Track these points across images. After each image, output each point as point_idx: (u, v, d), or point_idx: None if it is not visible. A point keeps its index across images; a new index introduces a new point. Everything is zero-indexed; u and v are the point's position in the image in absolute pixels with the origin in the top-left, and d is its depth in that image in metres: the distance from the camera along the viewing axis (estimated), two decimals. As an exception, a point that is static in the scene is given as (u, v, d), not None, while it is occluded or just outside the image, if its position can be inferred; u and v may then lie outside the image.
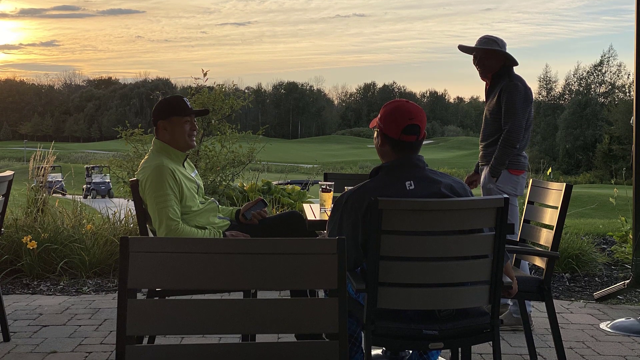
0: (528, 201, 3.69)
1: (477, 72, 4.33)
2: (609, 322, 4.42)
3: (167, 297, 3.17)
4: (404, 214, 2.44)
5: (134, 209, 4.10)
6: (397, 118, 2.66)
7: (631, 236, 5.33)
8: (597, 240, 6.89)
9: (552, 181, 3.71)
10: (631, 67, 30.62)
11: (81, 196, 8.89)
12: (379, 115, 2.75)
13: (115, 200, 9.09)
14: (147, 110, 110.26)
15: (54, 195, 7.03)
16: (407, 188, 2.59)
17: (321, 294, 3.53)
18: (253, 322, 1.77)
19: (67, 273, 5.61)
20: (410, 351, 3.02)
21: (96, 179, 34.20)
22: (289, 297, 3.02)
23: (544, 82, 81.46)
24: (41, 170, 7.01)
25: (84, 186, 32.44)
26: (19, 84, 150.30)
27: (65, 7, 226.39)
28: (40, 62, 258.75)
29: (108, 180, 32.19)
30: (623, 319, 4.43)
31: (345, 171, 39.37)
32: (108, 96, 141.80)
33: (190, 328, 1.76)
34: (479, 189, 4.49)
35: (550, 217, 3.39)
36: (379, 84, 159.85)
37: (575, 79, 78.03)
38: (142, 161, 3.59)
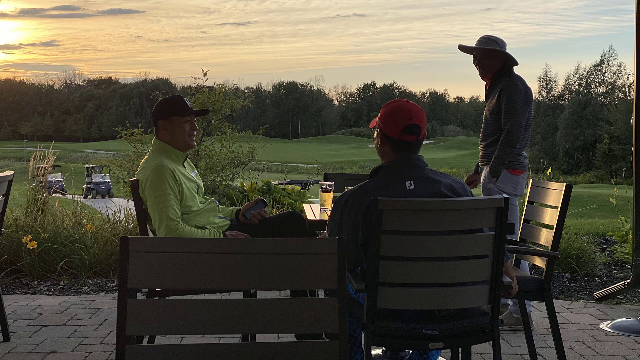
0: (528, 201, 3.69)
1: (477, 72, 4.33)
2: (609, 322, 4.42)
3: (167, 297, 3.17)
4: (404, 214, 2.44)
5: (134, 209, 4.10)
6: (397, 118, 2.66)
7: (631, 236, 5.33)
8: (597, 240, 6.89)
9: (552, 181, 3.71)
10: (631, 67, 30.64)
11: (81, 196, 8.89)
12: (379, 115, 2.75)
13: (115, 200, 9.10)
14: (147, 110, 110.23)
15: (54, 195, 7.03)
16: (407, 188, 2.59)
17: (321, 294, 3.53)
18: (253, 322, 1.77)
19: (67, 273, 5.61)
20: (410, 351, 3.02)
21: (96, 179, 34.24)
22: (289, 297, 3.02)
23: (544, 82, 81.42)
24: (41, 170, 7.01)
25: (84, 186, 32.49)
26: (19, 84, 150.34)
27: (65, 7, 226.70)
28: (40, 62, 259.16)
29: (108, 180, 32.22)
30: (623, 319, 4.43)
31: (345, 171, 39.40)
32: (108, 96, 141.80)
33: (190, 328, 1.76)
34: (479, 188, 4.49)
35: (550, 217, 3.39)
36: (379, 84, 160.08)
37: (575, 79, 78.01)
38: (142, 161, 3.59)
